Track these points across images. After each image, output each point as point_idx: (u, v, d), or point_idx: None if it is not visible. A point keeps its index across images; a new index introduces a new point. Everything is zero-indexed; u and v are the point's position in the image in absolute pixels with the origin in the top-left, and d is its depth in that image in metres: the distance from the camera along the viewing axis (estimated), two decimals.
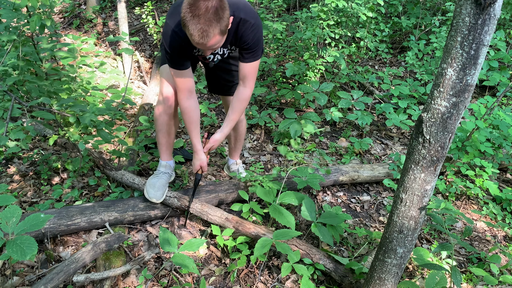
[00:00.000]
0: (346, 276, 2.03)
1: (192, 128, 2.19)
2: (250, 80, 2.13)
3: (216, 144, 2.25)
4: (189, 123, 2.19)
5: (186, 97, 2.12)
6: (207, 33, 1.66)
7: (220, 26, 1.68)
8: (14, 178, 2.70)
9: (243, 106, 2.21)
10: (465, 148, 2.91)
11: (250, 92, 2.17)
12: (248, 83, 2.14)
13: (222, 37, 1.76)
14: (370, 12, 3.94)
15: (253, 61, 2.07)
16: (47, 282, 1.74)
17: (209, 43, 1.71)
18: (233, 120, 2.23)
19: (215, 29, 1.67)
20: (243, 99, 2.18)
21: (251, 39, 1.97)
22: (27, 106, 1.93)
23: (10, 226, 1.55)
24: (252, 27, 1.94)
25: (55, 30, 2.90)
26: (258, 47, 2.03)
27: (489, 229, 2.67)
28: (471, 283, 2.17)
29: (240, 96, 2.17)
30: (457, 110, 1.27)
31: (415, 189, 1.43)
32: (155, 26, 4.66)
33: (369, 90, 4.31)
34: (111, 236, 2.08)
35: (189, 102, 2.14)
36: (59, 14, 5.80)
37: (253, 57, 2.06)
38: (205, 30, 1.65)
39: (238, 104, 2.19)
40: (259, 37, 2.00)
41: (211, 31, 1.66)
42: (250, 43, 1.99)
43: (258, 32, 1.98)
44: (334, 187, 2.93)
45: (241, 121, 2.60)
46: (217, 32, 1.69)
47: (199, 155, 2.24)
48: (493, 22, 1.14)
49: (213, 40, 1.71)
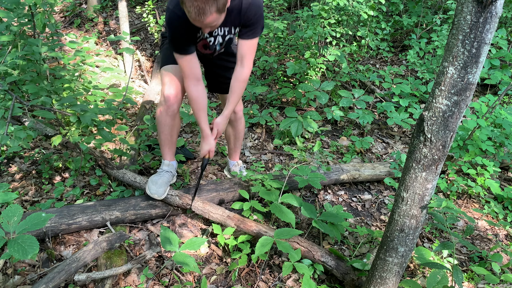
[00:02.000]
0: (348, 274, 2.03)
1: (200, 114, 2.19)
2: (249, 59, 2.12)
3: (220, 127, 2.25)
4: (197, 110, 2.19)
5: (193, 83, 2.12)
6: (203, 10, 1.67)
7: (217, 4, 1.69)
8: (15, 177, 2.70)
9: (242, 87, 2.20)
10: (466, 147, 2.90)
11: (248, 72, 2.16)
12: (246, 62, 2.13)
13: (220, 15, 1.77)
14: (371, 10, 3.93)
15: (252, 38, 2.08)
16: (49, 281, 1.74)
17: (206, 20, 1.72)
18: (233, 102, 2.23)
19: (212, 6, 1.68)
20: (242, 79, 2.17)
21: (253, 15, 1.98)
22: (28, 105, 1.94)
23: (11, 225, 1.55)
24: (254, 3, 1.96)
25: (56, 29, 2.90)
26: (258, 23, 2.04)
27: (490, 227, 2.67)
28: (472, 282, 2.17)
29: (238, 76, 2.17)
30: (459, 109, 1.26)
31: (416, 187, 1.43)
32: (156, 25, 4.66)
33: (370, 88, 4.31)
34: (113, 235, 2.08)
35: (196, 89, 2.14)
36: (60, 13, 5.80)
37: (253, 34, 2.06)
38: (201, 7, 1.66)
39: (237, 84, 2.19)
40: (260, 13, 2.01)
41: (208, 8, 1.67)
42: (252, 19, 2.00)
43: (260, 8, 2.00)
44: (335, 186, 2.93)
45: (239, 119, 2.59)
46: (214, 9, 1.70)
47: (209, 139, 2.23)
48: (494, 20, 1.14)
49: (210, 17, 1.71)
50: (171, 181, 2.42)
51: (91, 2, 5.63)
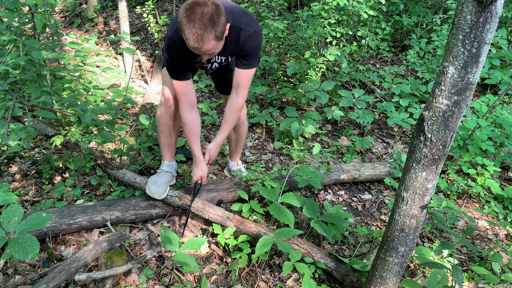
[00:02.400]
0: (347, 275, 2.03)
1: (193, 139, 2.22)
2: (243, 89, 2.15)
3: (212, 153, 2.27)
4: (190, 135, 2.21)
5: (188, 109, 2.15)
6: (202, 37, 1.70)
7: (215, 32, 1.72)
8: (15, 177, 2.70)
9: (235, 115, 2.22)
10: (466, 147, 2.90)
11: (242, 101, 2.19)
12: (241, 91, 2.16)
13: (218, 43, 1.79)
14: (371, 10, 3.93)
15: (249, 69, 2.10)
16: (49, 281, 1.74)
17: (204, 47, 1.74)
18: (227, 130, 2.25)
19: (210, 34, 1.70)
20: (235, 108, 2.20)
21: (249, 46, 2.00)
22: (29, 105, 1.94)
23: (12, 225, 1.55)
24: (253, 36, 1.98)
25: (56, 29, 2.90)
26: (255, 54, 2.06)
27: (490, 227, 2.67)
28: (472, 282, 2.17)
29: (232, 105, 2.19)
30: (459, 109, 1.26)
31: (416, 187, 1.43)
32: (156, 25, 4.66)
33: (370, 88, 4.31)
34: (113, 235, 2.08)
35: (190, 115, 2.17)
36: (60, 13, 5.80)
37: (249, 64, 2.08)
38: (200, 34, 1.69)
39: (231, 113, 2.21)
40: (257, 45, 2.03)
41: (206, 36, 1.70)
42: (248, 50, 2.02)
43: (257, 40, 2.01)
44: (335, 186, 2.93)
45: (242, 123, 2.60)
46: (212, 37, 1.72)
47: (201, 165, 2.25)
48: (494, 20, 1.14)
49: (208, 45, 1.74)
50: (171, 182, 2.43)
51: (91, 2, 5.63)
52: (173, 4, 5.59)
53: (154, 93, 4.05)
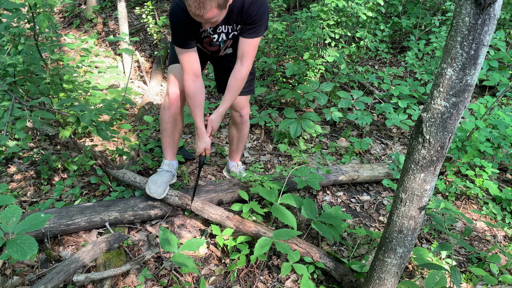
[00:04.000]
0: (346, 275, 2.03)
1: (196, 111, 2.18)
2: (248, 58, 2.10)
3: (215, 124, 2.23)
4: (194, 106, 2.17)
5: (192, 79, 2.11)
6: (203, 5, 1.66)
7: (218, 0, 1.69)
8: (14, 178, 2.70)
9: (239, 85, 2.18)
10: (465, 148, 2.91)
11: (247, 72, 2.14)
12: (246, 61, 2.11)
13: (221, 11, 1.76)
14: (370, 12, 3.94)
15: (254, 38, 2.05)
16: (47, 282, 1.74)
17: (206, 15, 1.71)
18: (229, 100, 2.21)
19: (212, 1, 1.67)
20: (239, 78, 2.15)
21: (255, 13, 1.95)
22: (28, 106, 1.94)
23: (10, 226, 1.55)
24: (257, 2, 1.93)
25: (55, 30, 2.90)
26: (261, 22, 2.00)
27: (489, 229, 2.67)
28: (471, 283, 2.17)
29: (236, 74, 2.15)
30: (457, 110, 1.27)
31: (414, 189, 1.43)
32: (155, 26, 4.66)
33: (369, 90, 4.31)
34: (111, 236, 2.08)
35: (194, 85, 2.12)
36: (59, 13, 5.80)
37: (255, 33, 2.03)
38: (202, 1, 1.66)
39: (234, 82, 2.17)
40: (263, 12, 1.98)
41: (208, 3, 1.67)
42: (254, 17, 1.97)
43: (263, 6, 1.96)
44: (334, 187, 2.93)
45: (245, 122, 2.58)
46: (214, 5, 1.69)
47: (204, 137, 2.22)
48: (493, 22, 1.14)
49: (210, 12, 1.71)
50: (171, 181, 2.42)
51: (90, 2, 5.63)
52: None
53: (153, 94, 4.05)
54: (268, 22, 2.09)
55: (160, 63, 4.61)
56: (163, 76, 4.52)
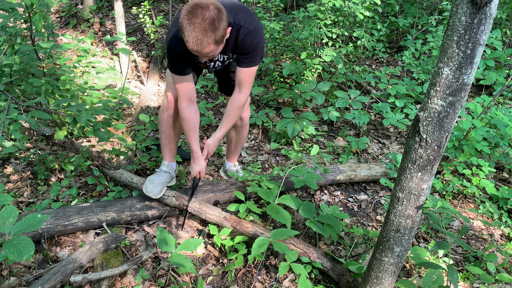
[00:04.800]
0: (343, 275, 2.03)
1: (191, 135, 2.21)
2: (246, 86, 2.14)
3: (211, 148, 2.27)
4: (188, 130, 2.20)
5: (187, 105, 2.14)
6: (201, 41, 1.70)
7: (215, 36, 1.72)
8: (11, 178, 2.69)
9: (237, 112, 2.22)
10: (461, 147, 2.92)
11: (244, 99, 2.18)
12: (244, 89, 2.15)
13: (218, 47, 1.79)
14: (367, 11, 3.94)
15: (250, 67, 2.08)
16: (44, 283, 1.73)
17: (203, 51, 1.75)
18: (227, 126, 2.24)
19: (210, 38, 1.71)
20: (237, 105, 2.18)
21: (249, 44, 1.98)
22: (24, 106, 1.93)
23: (7, 227, 1.55)
24: (252, 33, 1.96)
25: (51, 30, 2.89)
26: (256, 52, 2.03)
27: (485, 227, 2.68)
28: (468, 282, 2.18)
29: (234, 102, 2.18)
30: (454, 109, 1.27)
31: (412, 188, 1.43)
32: (152, 25, 4.65)
33: (366, 89, 4.32)
34: (109, 236, 2.07)
35: (189, 110, 2.15)
36: (56, 13, 5.78)
37: (251, 62, 2.06)
38: (199, 38, 1.69)
39: (232, 110, 2.20)
40: (258, 42, 2.00)
41: (206, 40, 1.70)
42: (248, 48, 2.00)
43: (258, 37, 1.99)
44: (331, 187, 2.93)
45: (245, 125, 2.60)
46: (212, 41, 1.72)
47: (199, 160, 2.25)
48: (489, 21, 1.15)
49: (207, 48, 1.74)
50: (169, 182, 2.42)
51: (87, 2, 5.61)
52: (169, 4, 5.58)
53: (150, 94, 4.04)
54: (264, 50, 2.11)
55: (157, 63, 4.60)
56: (160, 76, 4.51)
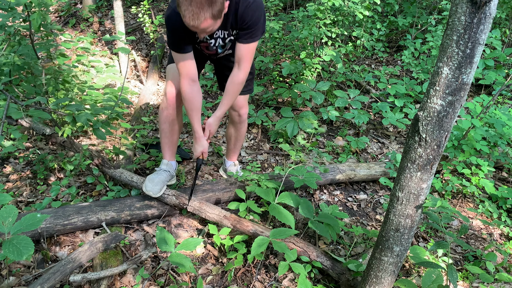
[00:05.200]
0: (343, 274, 2.03)
1: (193, 115, 2.18)
2: (246, 62, 2.09)
3: (212, 128, 2.24)
4: (191, 110, 2.17)
5: (188, 83, 2.11)
6: (197, 16, 1.67)
7: (212, 11, 1.69)
8: (10, 178, 2.69)
9: (236, 89, 2.17)
10: (461, 147, 2.92)
11: (244, 76, 2.13)
12: (243, 65, 2.09)
13: (215, 21, 1.76)
14: (367, 11, 3.94)
15: (250, 42, 2.03)
16: (44, 282, 1.73)
17: (200, 25, 1.72)
18: (227, 104, 2.21)
19: (206, 13, 1.68)
20: (237, 82, 2.14)
21: (249, 18, 1.94)
22: (23, 105, 1.93)
23: (6, 226, 1.55)
24: (251, 6, 1.91)
25: (51, 29, 2.89)
26: (256, 27, 1.98)
27: (485, 227, 2.68)
28: (467, 281, 2.18)
29: (234, 79, 2.14)
30: (453, 109, 1.27)
31: (411, 187, 1.44)
32: (152, 25, 4.65)
33: (365, 89, 4.32)
34: (108, 236, 2.07)
35: (190, 89, 2.12)
36: (55, 13, 5.78)
37: (251, 37, 2.01)
38: (196, 13, 1.66)
39: (232, 87, 2.16)
40: (258, 16, 1.95)
41: (202, 14, 1.67)
42: (248, 22, 1.95)
43: (258, 11, 1.94)
44: (331, 186, 2.93)
45: (243, 122, 2.59)
46: (209, 15, 1.69)
47: (201, 141, 2.23)
48: (488, 21, 1.15)
49: (204, 23, 1.71)
50: (169, 181, 2.42)
51: (86, 1, 5.61)
52: (168, 4, 5.57)
53: (149, 93, 4.04)
54: (265, 25, 2.05)
55: (156, 62, 4.60)
56: (160, 76, 4.51)
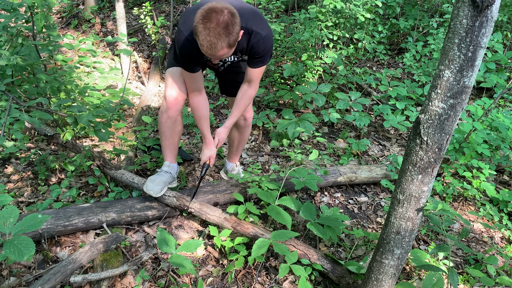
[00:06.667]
0: (343, 276, 2.03)
1: (202, 122, 2.31)
2: (256, 82, 2.26)
3: (221, 137, 2.35)
4: (199, 118, 2.30)
5: (195, 95, 2.25)
6: (215, 45, 1.75)
7: (229, 40, 1.77)
8: (11, 178, 2.69)
9: (246, 104, 2.31)
10: (462, 150, 2.91)
11: (254, 92, 2.29)
12: (254, 84, 2.26)
13: (230, 50, 1.85)
14: (368, 13, 3.95)
15: (261, 67, 2.17)
16: (44, 283, 1.73)
17: (217, 54, 1.81)
18: (236, 116, 2.33)
19: (224, 42, 1.76)
20: (247, 97, 2.28)
21: (262, 50, 2.07)
22: (25, 106, 1.93)
23: (7, 227, 1.55)
24: (264, 39, 2.03)
25: (53, 30, 2.89)
26: (267, 55, 2.13)
27: (486, 230, 2.68)
28: (468, 284, 2.18)
29: (245, 94, 2.28)
30: (455, 112, 1.27)
31: (412, 190, 1.43)
32: (154, 26, 4.66)
33: (367, 91, 4.32)
34: (109, 237, 2.07)
35: (197, 99, 2.25)
36: (57, 14, 5.79)
37: (262, 63, 2.16)
38: (213, 42, 1.74)
39: (243, 101, 2.29)
40: (269, 47, 2.10)
41: (220, 44, 1.76)
42: (261, 53, 2.08)
43: (269, 42, 2.07)
44: (332, 188, 2.93)
45: (248, 126, 2.63)
46: (225, 45, 1.78)
47: (211, 146, 2.34)
48: (490, 24, 1.15)
49: (221, 52, 1.80)
50: (170, 183, 2.42)
51: (88, 3, 5.62)
52: (170, 5, 5.59)
53: (151, 95, 4.04)
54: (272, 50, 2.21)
55: (158, 63, 4.61)
56: (161, 77, 4.52)
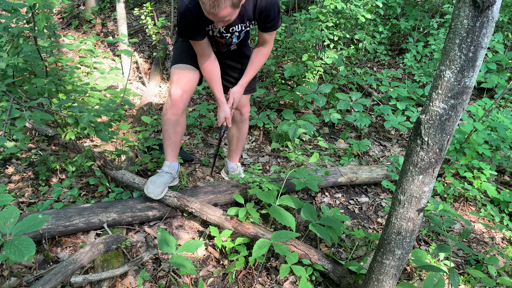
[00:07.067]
0: (344, 277, 2.03)
1: (213, 84, 2.28)
2: (271, 42, 2.26)
3: (236, 96, 2.34)
4: (210, 80, 2.28)
5: (205, 60, 2.22)
6: (218, 3, 1.72)
7: None
8: (12, 179, 2.69)
9: (261, 61, 2.31)
10: (463, 150, 2.91)
11: (269, 51, 2.29)
12: (268, 45, 2.26)
13: (234, 10, 1.81)
14: (369, 14, 3.95)
15: (274, 30, 2.19)
16: (45, 283, 1.73)
17: (220, 13, 1.77)
18: (251, 75, 2.33)
19: (227, 1, 1.73)
20: (262, 54, 2.28)
21: (272, 12, 2.06)
22: (26, 107, 1.93)
23: (8, 227, 1.55)
24: (271, 2, 2.02)
25: (54, 30, 2.90)
26: (278, 17, 2.12)
27: (487, 231, 2.67)
28: (469, 285, 2.18)
29: (260, 52, 2.27)
30: (455, 112, 1.27)
31: (413, 191, 1.43)
32: (154, 27, 4.66)
33: (367, 91, 4.32)
34: (109, 237, 2.08)
35: (208, 63, 2.22)
36: (58, 14, 5.80)
37: (274, 26, 2.16)
38: (216, 0, 1.71)
39: (258, 58, 2.29)
40: (278, 8, 2.08)
41: (223, 2, 1.72)
42: (272, 16, 2.08)
43: (277, 4, 2.06)
44: (332, 189, 2.93)
45: (245, 121, 2.63)
46: (229, 3, 1.75)
47: (224, 107, 2.32)
48: (491, 24, 1.15)
49: (224, 11, 1.76)
50: (171, 183, 2.42)
51: (89, 3, 5.63)
52: (171, 6, 5.60)
53: (151, 95, 4.04)
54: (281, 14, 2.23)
55: (159, 64, 4.61)
56: (162, 77, 4.52)
